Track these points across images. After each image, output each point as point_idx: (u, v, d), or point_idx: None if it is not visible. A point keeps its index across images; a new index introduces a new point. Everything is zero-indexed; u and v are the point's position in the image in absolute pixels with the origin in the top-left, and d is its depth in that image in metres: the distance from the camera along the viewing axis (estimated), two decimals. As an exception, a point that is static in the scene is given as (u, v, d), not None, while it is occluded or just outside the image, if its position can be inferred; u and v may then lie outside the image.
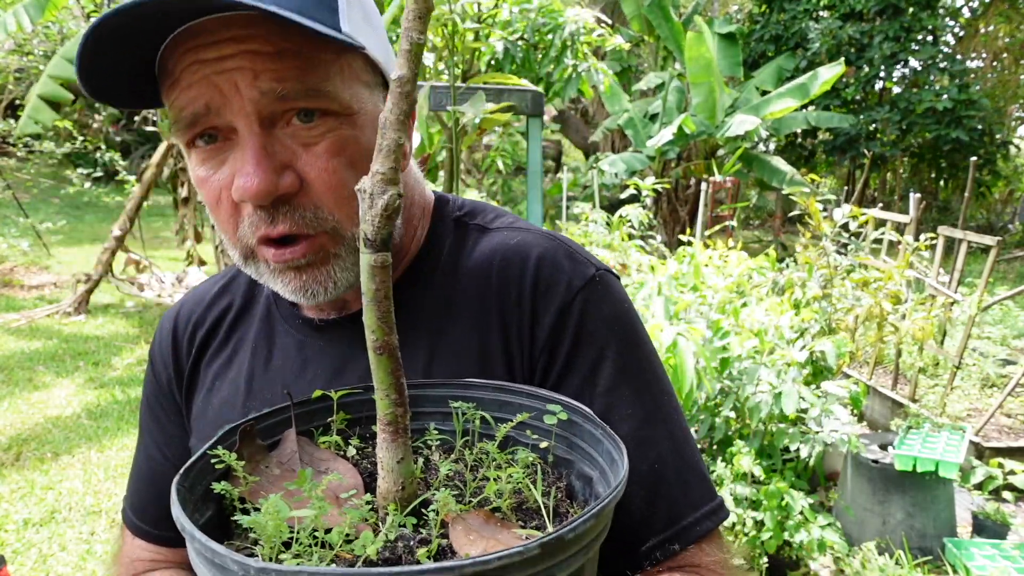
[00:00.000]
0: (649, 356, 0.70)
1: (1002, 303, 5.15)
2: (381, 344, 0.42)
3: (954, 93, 10.07)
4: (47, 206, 11.17)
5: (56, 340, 5.60)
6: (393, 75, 0.39)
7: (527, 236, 0.72)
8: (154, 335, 0.84)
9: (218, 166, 0.61)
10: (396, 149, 0.38)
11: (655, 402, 0.67)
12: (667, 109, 9.02)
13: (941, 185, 12.02)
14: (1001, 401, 3.61)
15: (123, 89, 0.62)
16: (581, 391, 0.65)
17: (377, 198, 0.39)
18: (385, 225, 0.40)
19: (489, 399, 0.56)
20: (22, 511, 3.15)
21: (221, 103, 0.57)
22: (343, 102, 0.60)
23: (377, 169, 0.39)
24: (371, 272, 0.41)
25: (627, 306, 0.71)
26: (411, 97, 0.38)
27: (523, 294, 0.68)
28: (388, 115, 0.39)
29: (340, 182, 0.61)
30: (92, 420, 4.14)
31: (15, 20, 4.98)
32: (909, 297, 3.64)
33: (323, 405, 0.58)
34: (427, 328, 0.69)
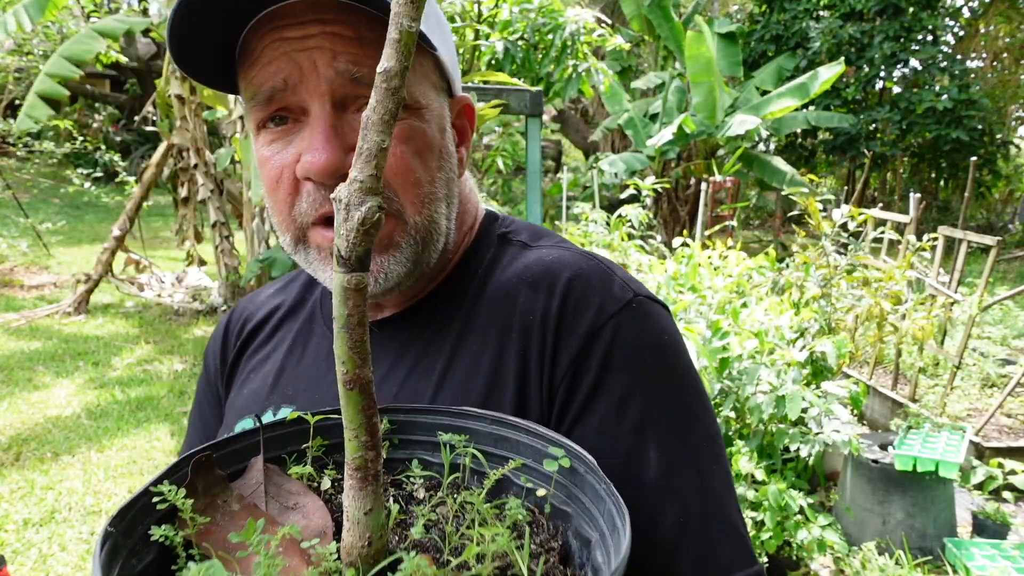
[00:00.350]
0: (689, 395, 0.63)
1: (1002, 303, 5.15)
2: (352, 378, 0.37)
3: (954, 93, 10.07)
4: (47, 206, 11.18)
5: (56, 340, 5.60)
6: (379, 68, 0.35)
7: (564, 254, 0.68)
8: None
9: (284, 147, 0.62)
10: (379, 153, 0.35)
11: (689, 447, 0.60)
12: (667, 109, 9.02)
13: (941, 185, 12.02)
14: (1001, 401, 3.61)
15: (207, 64, 0.63)
16: (604, 427, 0.60)
17: (354, 209, 0.35)
18: (362, 241, 0.35)
19: (485, 432, 0.51)
20: (22, 511, 3.15)
21: (298, 80, 0.59)
22: (413, 96, 0.61)
23: (355, 176, 0.35)
24: (344, 295, 0.36)
25: (668, 338, 0.64)
26: (398, 94, 0.34)
27: (549, 313, 0.64)
28: (371, 114, 0.35)
29: (407, 167, 0.61)
30: (92, 420, 4.14)
31: (15, 20, 4.98)
32: (909, 297, 3.64)
33: (301, 428, 0.52)
34: (448, 340, 0.67)
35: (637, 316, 0.63)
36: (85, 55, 5.31)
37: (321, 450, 0.52)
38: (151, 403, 4.43)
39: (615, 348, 0.61)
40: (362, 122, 0.35)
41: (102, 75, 15.22)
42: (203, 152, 6.28)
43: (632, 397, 0.60)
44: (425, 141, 0.63)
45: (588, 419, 0.60)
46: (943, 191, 12.15)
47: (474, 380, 0.64)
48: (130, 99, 14.30)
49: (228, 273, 6.45)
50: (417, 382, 0.66)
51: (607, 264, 0.68)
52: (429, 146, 0.63)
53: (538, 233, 0.75)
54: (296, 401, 0.71)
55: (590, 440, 0.58)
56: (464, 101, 0.71)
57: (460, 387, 0.64)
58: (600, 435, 0.59)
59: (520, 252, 0.71)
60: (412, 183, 0.62)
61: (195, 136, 6.20)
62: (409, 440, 0.53)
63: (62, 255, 8.67)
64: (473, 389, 0.63)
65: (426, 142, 0.63)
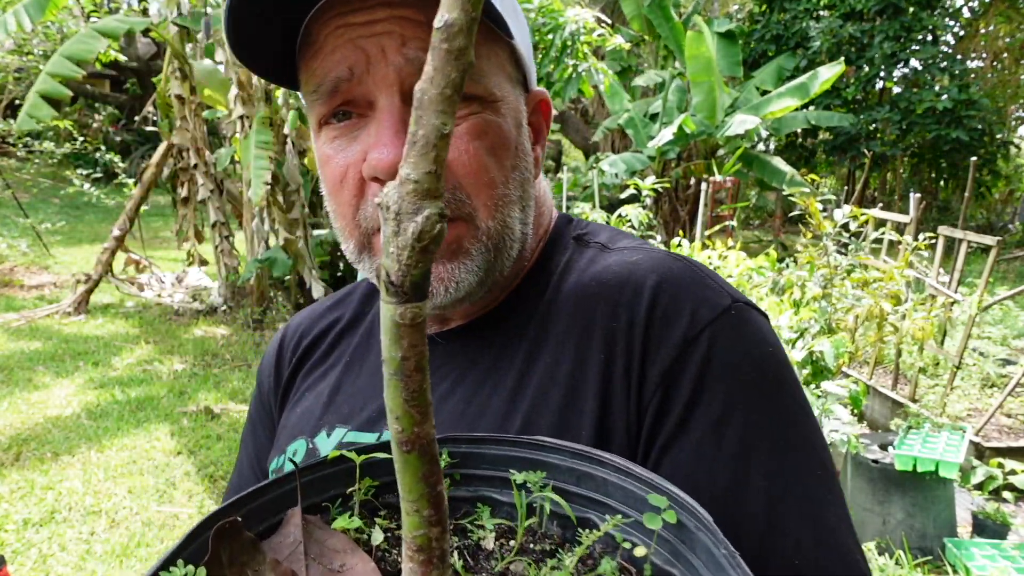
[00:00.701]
0: (797, 415, 0.55)
1: (1002, 303, 5.15)
2: (410, 438, 0.30)
3: (954, 93, 10.08)
4: (47, 206, 11.18)
5: (56, 340, 5.60)
6: (436, 21, 0.25)
7: (650, 255, 0.62)
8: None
9: (348, 144, 0.57)
10: (438, 142, 0.26)
11: (799, 475, 0.52)
12: (667, 109, 9.02)
13: (941, 185, 12.02)
14: (1001, 401, 3.61)
15: (266, 56, 0.59)
16: (701, 451, 0.52)
17: (407, 219, 0.26)
18: (418, 261, 0.26)
19: (565, 467, 0.42)
20: (22, 511, 3.14)
21: (365, 68, 0.54)
22: (487, 87, 0.57)
23: (407, 174, 0.26)
24: (396, 332, 0.27)
25: (772, 349, 0.57)
26: (463, 58, 0.25)
27: (636, 321, 0.57)
28: (427, 87, 0.25)
29: (481, 166, 0.56)
30: (92, 420, 4.14)
31: (15, 20, 4.98)
32: (909, 297, 3.64)
33: (344, 467, 0.43)
34: (521, 351, 0.61)
35: (736, 324, 0.56)
36: (86, 55, 5.31)
37: (370, 492, 0.43)
38: (151, 403, 4.43)
39: (712, 360, 0.54)
40: (415, 99, 0.26)
41: (102, 75, 15.21)
42: (203, 152, 6.28)
43: (733, 417, 0.53)
44: (501, 137, 0.58)
45: (682, 442, 0.53)
46: (943, 191, 12.16)
47: (551, 395, 0.57)
48: (130, 99, 14.31)
49: (228, 273, 6.45)
50: (487, 398, 0.60)
51: (698, 266, 0.61)
52: (505, 143, 0.58)
53: (616, 235, 0.69)
54: (351, 421, 0.66)
55: (685, 466, 0.53)
56: (540, 96, 0.66)
57: (534, 402, 0.58)
58: (697, 461, 0.52)
59: (598, 255, 0.65)
60: (486, 184, 0.57)
61: (195, 136, 6.21)
62: (474, 475, 0.44)
63: (62, 255, 8.68)
64: (549, 404, 0.57)
65: (502, 138, 0.58)
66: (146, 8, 8.89)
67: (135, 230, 6.83)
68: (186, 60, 6.04)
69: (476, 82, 0.56)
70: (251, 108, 5.72)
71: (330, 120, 0.58)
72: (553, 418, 0.56)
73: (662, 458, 0.54)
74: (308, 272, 6.12)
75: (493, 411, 0.59)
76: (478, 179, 0.56)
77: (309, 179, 6.43)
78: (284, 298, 6.53)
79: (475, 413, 0.59)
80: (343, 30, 0.54)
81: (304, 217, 6.19)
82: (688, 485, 0.49)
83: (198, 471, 3.58)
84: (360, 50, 0.54)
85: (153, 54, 13.10)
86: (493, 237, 0.58)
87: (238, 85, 5.70)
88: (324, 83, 0.56)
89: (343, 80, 0.55)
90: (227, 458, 3.70)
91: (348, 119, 0.57)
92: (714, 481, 0.51)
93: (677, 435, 0.53)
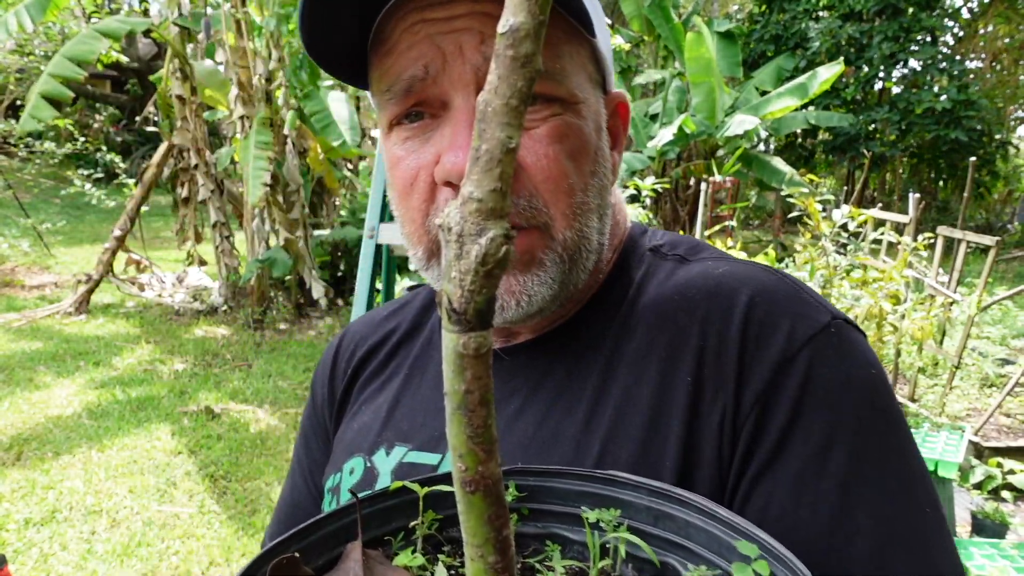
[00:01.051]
0: (905, 446, 0.50)
1: (1001, 303, 5.16)
2: (474, 478, 0.28)
3: (953, 94, 10.10)
4: (48, 206, 11.18)
5: (57, 340, 5.60)
6: (500, 26, 0.23)
7: (738, 267, 0.57)
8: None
9: (420, 146, 0.54)
10: (504, 158, 0.24)
11: (909, 513, 0.47)
12: (667, 109, 9.03)
13: (940, 185, 12.04)
14: (1000, 401, 3.62)
15: (339, 54, 0.56)
16: (799, 483, 0.47)
17: (469, 241, 0.24)
18: (483, 286, 0.25)
19: (641, 506, 0.39)
20: (23, 510, 3.15)
21: (440, 67, 0.51)
22: (569, 88, 0.54)
23: (470, 192, 0.24)
24: (459, 363, 0.26)
25: (875, 371, 0.51)
26: (531, 66, 0.23)
27: (727, 339, 0.52)
28: (491, 98, 0.24)
29: (561, 172, 0.53)
30: (93, 420, 4.15)
31: (16, 20, 4.99)
32: (908, 297, 3.65)
33: (407, 498, 0.41)
34: (595, 369, 0.57)
35: (837, 343, 0.51)
36: (88, 55, 5.32)
37: (434, 526, 0.41)
38: (152, 403, 4.43)
39: (812, 382, 0.49)
40: (477, 112, 0.24)
41: (103, 76, 15.23)
42: (203, 152, 6.29)
43: (835, 446, 0.47)
44: (581, 141, 0.54)
45: (777, 473, 0.48)
46: (942, 191, 12.17)
47: (631, 419, 0.53)
48: (131, 99, 14.31)
49: (228, 273, 6.46)
50: (559, 421, 0.56)
51: (793, 279, 0.56)
52: (585, 148, 0.55)
53: (697, 246, 0.64)
54: (412, 439, 0.63)
55: (779, 501, 0.48)
56: (619, 99, 0.62)
57: (612, 427, 0.53)
58: (792, 495, 0.47)
59: (678, 267, 0.60)
60: (565, 191, 0.53)
61: (196, 136, 6.22)
62: (543, 511, 0.41)
63: (63, 255, 8.68)
64: (628, 430, 0.53)
65: (582, 143, 0.55)
66: (147, 9, 8.90)
67: (136, 230, 6.84)
68: (187, 60, 6.05)
69: (558, 83, 0.53)
70: (251, 108, 5.73)
71: (402, 121, 0.55)
72: (634, 446, 0.52)
73: (752, 490, 0.49)
74: (308, 272, 6.13)
75: (566, 436, 0.55)
76: (557, 186, 0.53)
77: (309, 179, 6.44)
78: (284, 298, 6.54)
79: (546, 438, 0.55)
80: (420, 26, 0.51)
81: (304, 217, 6.19)
82: (782, 522, 0.46)
83: (199, 471, 3.58)
84: (436, 48, 0.51)
85: (154, 55, 13.11)
86: (569, 248, 0.54)
87: (238, 86, 5.71)
88: (398, 82, 0.53)
89: (417, 79, 0.52)
90: (227, 458, 3.71)
91: (420, 120, 0.54)
92: (812, 520, 0.46)
93: (771, 465, 0.48)
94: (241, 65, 5.68)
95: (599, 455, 0.53)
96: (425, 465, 0.60)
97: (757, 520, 0.47)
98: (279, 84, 5.72)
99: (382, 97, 0.55)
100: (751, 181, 9.95)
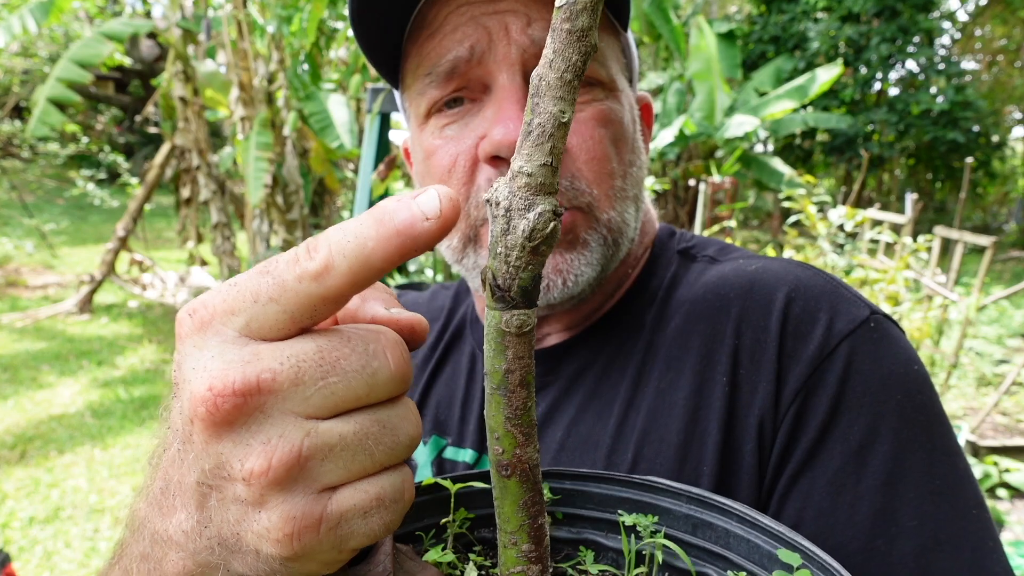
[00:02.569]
0: (948, 442, 0.48)
1: (997, 303, 5.19)
2: (511, 461, 0.27)
3: (951, 95, 10.13)
4: (51, 207, 11.21)
5: (60, 340, 5.63)
6: (558, 0, 0.23)
7: (772, 263, 0.55)
8: None
9: (459, 131, 0.54)
10: (556, 132, 0.23)
11: (955, 513, 0.44)
12: (667, 110, 9.07)
13: (937, 186, 12.07)
14: (996, 400, 3.64)
15: (386, 44, 0.55)
16: (839, 482, 0.46)
17: (517, 216, 0.24)
18: (528, 263, 0.24)
19: (680, 513, 0.37)
20: (27, 508, 3.18)
21: (486, 48, 0.51)
22: (610, 74, 0.54)
23: (520, 166, 0.24)
24: (501, 341, 0.25)
25: (917, 367, 0.49)
26: (587, 40, 0.23)
27: (765, 337, 0.50)
28: (546, 72, 0.23)
29: (604, 154, 0.52)
30: (96, 419, 4.17)
31: (20, 23, 5.02)
32: (906, 297, 3.68)
33: (440, 495, 0.40)
34: (628, 372, 0.55)
35: (877, 339, 0.49)
36: (94, 59, 5.36)
37: (466, 525, 0.39)
38: (154, 402, 4.46)
39: (851, 378, 0.47)
40: (531, 86, 0.24)
41: (106, 77, 15.27)
42: (205, 153, 6.32)
43: (876, 443, 0.46)
44: (622, 128, 0.54)
45: (817, 470, 0.46)
46: (939, 192, 12.21)
47: (666, 423, 0.51)
48: (134, 101, 14.35)
49: (230, 274, 6.49)
50: (591, 426, 0.54)
51: (829, 275, 0.54)
52: (624, 136, 0.54)
53: (726, 247, 0.62)
54: (448, 431, 0.62)
55: (819, 500, 0.46)
56: (644, 99, 0.63)
57: (645, 432, 0.51)
58: (835, 493, 0.46)
59: (709, 267, 0.59)
60: (608, 174, 0.53)
61: (198, 137, 6.25)
62: (577, 515, 0.40)
63: (66, 255, 8.71)
64: (664, 435, 0.51)
65: (623, 130, 0.54)
66: (149, 11, 8.94)
67: (138, 230, 6.87)
68: (189, 62, 6.08)
69: (601, 64, 0.53)
70: (252, 110, 5.76)
71: (441, 108, 0.54)
72: (670, 451, 0.50)
73: (790, 489, 0.47)
74: (309, 273, 6.14)
75: (599, 442, 0.53)
76: (601, 168, 0.52)
77: (310, 180, 6.47)
78: (286, 298, 6.56)
79: (578, 443, 0.54)
80: (465, 8, 0.51)
81: (304, 218, 6.22)
82: (822, 522, 0.44)
83: (202, 469, 3.61)
84: (483, 28, 0.51)
85: (157, 56, 13.15)
86: (612, 230, 0.54)
87: (239, 87, 5.74)
88: (440, 63, 0.52)
89: (462, 60, 0.51)
90: (230, 456, 3.74)
91: (460, 105, 0.54)
92: (853, 520, 0.45)
93: (809, 463, 0.47)
94: (242, 66, 5.72)
95: (633, 462, 0.51)
96: (462, 462, 0.60)
97: (795, 521, 0.46)
98: (280, 85, 5.76)
99: (422, 82, 0.54)
100: (750, 181, 9.98)
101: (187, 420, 0.27)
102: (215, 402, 0.26)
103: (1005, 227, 11.88)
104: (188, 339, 0.28)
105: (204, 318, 0.27)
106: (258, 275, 0.27)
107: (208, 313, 0.27)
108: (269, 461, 0.26)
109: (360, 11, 0.52)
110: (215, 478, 0.27)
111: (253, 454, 0.26)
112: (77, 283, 6.63)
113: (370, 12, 0.53)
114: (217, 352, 0.27)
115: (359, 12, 0.52)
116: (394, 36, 0.55)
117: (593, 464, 0.53)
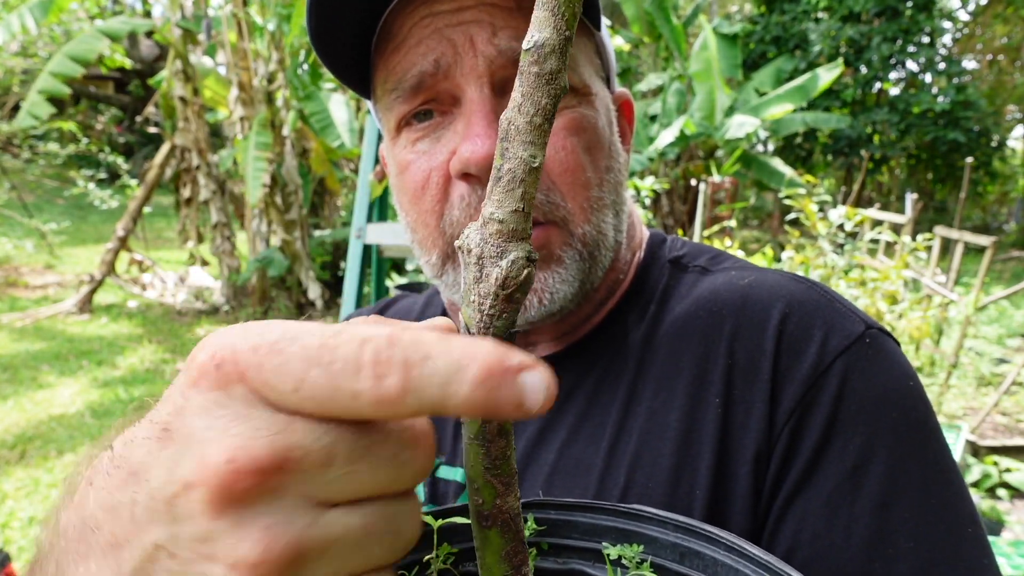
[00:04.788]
0: (943, 460, 0.47)
1: (997, 303, 5.19)
2: (491, 512, 0.26)
3: (951, 95, 10.14)
4: (51, 207, 11.21)
5: (60, 340, 5.64)
6: (525, 42, 0.23)
7: (764, 277, 0.54)
8: None
9: (431, 146, 0.52)
10: (527, 177, 0.23)
11: (952, 534, 0.44)
12: (667, 110, 9.07)
13: (938, 186, 12.08)
14: (996, 400, 3.64)
15: (347, 57, 0.54)
16: (835, 503, 0.45)
17: (490, 264, 0.24)
18: (503, 311, 0.24)
19: (667, 542, 0.37)
20: (27, 508, 3.18)
21: (452, 61, 0.49)
22: (582, 79, 0.52)
23: (492, 212, 0.24)
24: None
25: (912, 383, 0.49)
26: (556, 83, 0.23)
27: (759, 356, 0.49)
28: (515, 116, 0.23)
29: (578, 165, 0.51)
30: (96, 419, 4.18)
31: (19, 22, 5.03)
32: (905, 297, 3.68)
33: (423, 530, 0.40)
34: (619, 392, 0.54)
35: (872, 354, 0.48)
36: (88, 54, 5.36)
37: (449, 560, 0.38)
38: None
39: (846, 396, 0.47)
40: (500, 131, 0.24)
41: (106, 77, 15.27)
42: (205, 153, 6.32)
43: (872, 463, 0.45)
44: (596, 134, 0.53)
45: (812, 492, 0.46)
46: (939, 192, 12.21)
47: (658, 446, 0.50)
48: (134, 100, 14.35)
49: (230, 273, 6.49)
50: (583, 448, 0.53)
51: (824, 287, 0.53)
52: (599, 141, 0.53)
53: (718, 256, 0.61)
54: (440, 448, 0.59)
55: (814, 521, 0.45)
56: (624, 97, 0.61)
57: (637, 456, 0.50)
58: (830, 515, 0.45)
59: (701, 278, 0.57)
60: (582, 184, 0.51)
61: (197, 137, 6.25)
62: (563, 546, 0.39)
63: (66, 255, 8.71)
64: (656, 459, 0.50)
65: (597, 135, 0.53)
66: (148, 11, 8.94)
67: (138, 230, 6.88)
68: (189, 62, 6.08)
69: (572, 70, 0.51)
70: (251, 110, 5.76)
71: (411, 121, 0.53)
72: (663, 475, 0.49)
73: (786, 512, 0.46)
74: (305, 273, 6.15)
75: (591, 465, 0.52)
76: (575, 179, 0.51)
77: (309, 180, 6.47)
78: (286, 298, 6.58)
79: (570, 467, 0.53)
80: (428, 19, 0.50)
81: (303, 218, 6.22)
82: (818, 544, 0.44)
83: (202, 469, 3.62)
84: (447, 41, 0.49)
85: (157, 56, 13.15)
86: (588, 244, 0.52)
87: (239, 87, 5.74)
88: (406, 78, 0.50)
89: (428, 74, 0.50)
90: (230, 456, 3.75)
91: (430, 119, 0.52)
92: (849, 541, 0.44)
93: (804, 485, 0.46)
94: (242, 66, 5.72)
95: (625, 487, 0.50)
96: (454, 481, 0.58)
97: (791, 543, 0.45)
98: (279, 85, 5.76)
99: (389, 97, 0.53)
100: (750, 181, 9.99)
101: (182, 483, 0.22)
102: (232, 477, 0.21)
103: (1005, 227, 11.89)
104: (208, 392, 0.23)
105: (230, 376, 0.22)
106: (305, 360, 0.21)
107: (236, 373, 0.22)
108: (263, 553, 0.22)
109: (319, 30, 0.51)
110: (189, 551, 0.22)
111: (248, 540, 0.22)
112: (77, 283, 6.64)
113: (328, 31, 0.51)
114: (243, 414, 0.22)
115: (318, 31, 0.51)
116: (359, 50, 0.54)
117: (586, 488, 0.52)
